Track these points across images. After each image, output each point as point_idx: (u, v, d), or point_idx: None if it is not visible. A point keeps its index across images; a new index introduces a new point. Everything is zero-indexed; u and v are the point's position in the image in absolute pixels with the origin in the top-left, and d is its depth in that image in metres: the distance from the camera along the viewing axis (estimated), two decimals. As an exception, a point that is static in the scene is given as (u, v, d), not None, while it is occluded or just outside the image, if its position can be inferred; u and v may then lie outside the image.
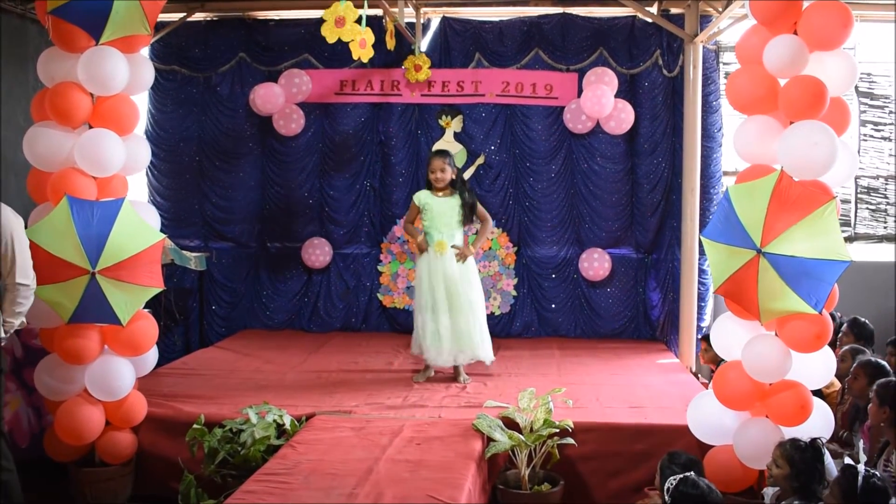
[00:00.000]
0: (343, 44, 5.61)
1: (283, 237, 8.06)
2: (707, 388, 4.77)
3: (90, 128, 4.68)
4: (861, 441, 4.43)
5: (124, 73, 4.62)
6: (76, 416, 4.67)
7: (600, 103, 7.31)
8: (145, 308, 4.84)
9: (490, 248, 7.83)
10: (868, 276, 7.37)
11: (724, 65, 7.62)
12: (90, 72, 4.52)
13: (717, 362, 5.55)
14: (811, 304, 3.91)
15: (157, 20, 5.10)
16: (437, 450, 4.41)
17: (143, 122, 7.87)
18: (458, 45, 7.74)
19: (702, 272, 7.25)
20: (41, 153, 4.60)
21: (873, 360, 4.76)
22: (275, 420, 4.69)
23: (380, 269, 7.96)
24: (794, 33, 4.15)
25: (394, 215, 7.90)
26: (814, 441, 3.66)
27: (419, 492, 3.78)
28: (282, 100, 7.67)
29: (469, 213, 5.90)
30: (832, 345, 4.61)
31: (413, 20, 7.63)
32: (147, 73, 4.88)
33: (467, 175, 7.73)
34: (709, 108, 7.37)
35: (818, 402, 4.29)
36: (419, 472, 4.05)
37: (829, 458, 3.83)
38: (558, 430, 4.60)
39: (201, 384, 5.85)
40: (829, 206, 3.88)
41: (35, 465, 4.95)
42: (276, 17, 7.96)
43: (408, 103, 7.83)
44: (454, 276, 5.78)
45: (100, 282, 4.38)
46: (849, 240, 7.80)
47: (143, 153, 4.96)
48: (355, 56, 5.70)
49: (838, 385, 5.18)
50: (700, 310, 7.33)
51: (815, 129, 4.01)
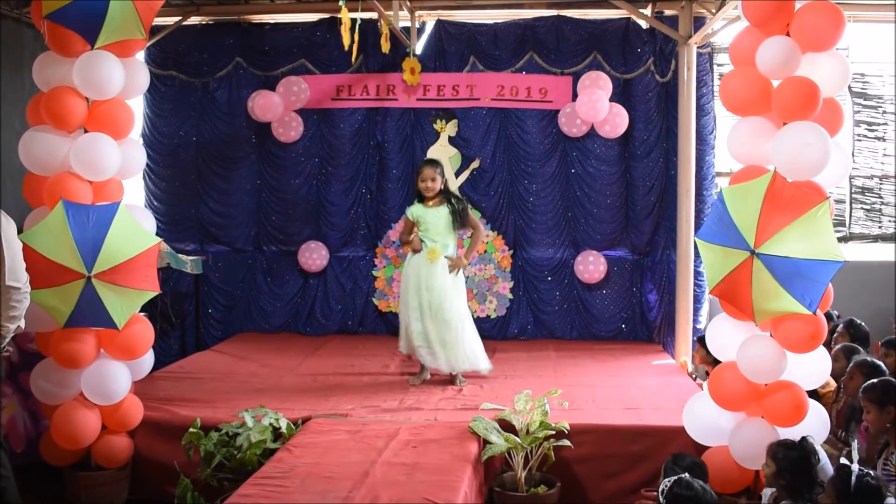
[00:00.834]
0: (340, 48, 5.58)
1: (279, 240, 8.06)
2: (703, 389, 4.75)
3: (86, 132, 4.66)
4: (856, 440, 4.42)
5: (119, 77, 4.61)
6: (72, 421, 4.65)
7: (595, 108, 7.32)
8: (141, 312, 4.83)
9: (485, 251, 7.82)
10: (863, 275, 7.38)
11: (718, 66, 7.62)
12: (85, 76, 4.51)
13: (712, 363, 5.54)
14: (805, 305, 3.90)
15: (153, 24, 5.08)
16: (433, 452, 4.39)
17: (139, 126, 7.87)
18: (452, 48, 7.75)
19: (697, 273, 7.25)
20: (37, 157, 4.58)
21: (869, 359, 4.75)
22: (271, 423, 4.67)
23: (374, 273, 7.96)
24: (787, 34, 4.15)
25: (389, 219, 7.91)
26: (802, 440, 3.64)
27: (415, 494, 3.76)
28: (280, 108, 7.68)
29: (460, 220, 5.87)
30: (827, 345, 4.59)
31: (408, 24, 7.64)
32: (142, 77, 4.86)
33: (461, 179, 7.76)
34: (701, 111, 7.39)
35: (813, 403, 4.28)
36: (415, 474, 4.03)
37: (824, 458, 3.81)
38: (554, 432, 4.58)
39: (197, 388, 5.83)
40: (822, 207, 3.87)
41: (31, 469, 4.92)
42: (272, 21, 7.96)
43: (403, 107, 7.83)
44: (443, 287, 5.76)
45: (95, 286, 4.36)
46: (843, 240, 7.81)
47: (139, 157, 4.95)
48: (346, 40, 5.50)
49: (834, 385, 5.16)
50: (696, 311, 7.34)
51: (808, 130, 4.00)
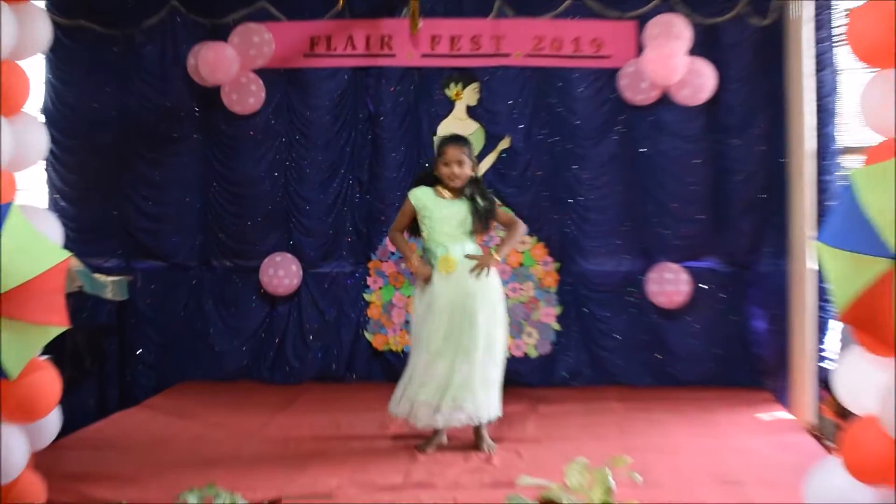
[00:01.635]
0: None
1: (234, 253, 8.10)
2: (832, 454, 4.68)
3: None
4: None
5: (10, 30, 4.59)
6: (-52, 508, 4.62)
7: (669, 65, 7.31)
8: (43, 355, 4.80)
9: (521, 265, 7.80)
10: None
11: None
12: (-40, 28, 4.50)
13: (844, 417, 5.49)
14: (975, 334, 3.83)
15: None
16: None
17: (37, 98, 7.89)
18: (473, -16, 7.81)
19: (821, 291, 7.21)
20: None
21: None
22: (226, 509, 4.63)
23: (367, 297, 7.95)
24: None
25: (387, 220, 7.84)
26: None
27: None
28: (235, 66, 7.68)
29: (483, 223, 5.87)
30: None
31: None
32: (41, 30, 4.85)
33: (486, 165, 7.78)
34: (819, 64, 7.36)
35: None
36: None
37: None
38: (622, 517, 4.54)
39: (122, 460, 5.81)
40: None
41: None
42: (218, -52, 8.03)
43: (404, 66, 7.86)
44: (471, 300, 5.75)
45: (-22, 319, 4.33)
46: None
47: (38, 140, 4.93)
48: None
49: None
50: (820, 344, 7.30)
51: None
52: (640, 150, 7.74)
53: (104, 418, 7.07)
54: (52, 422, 4.91)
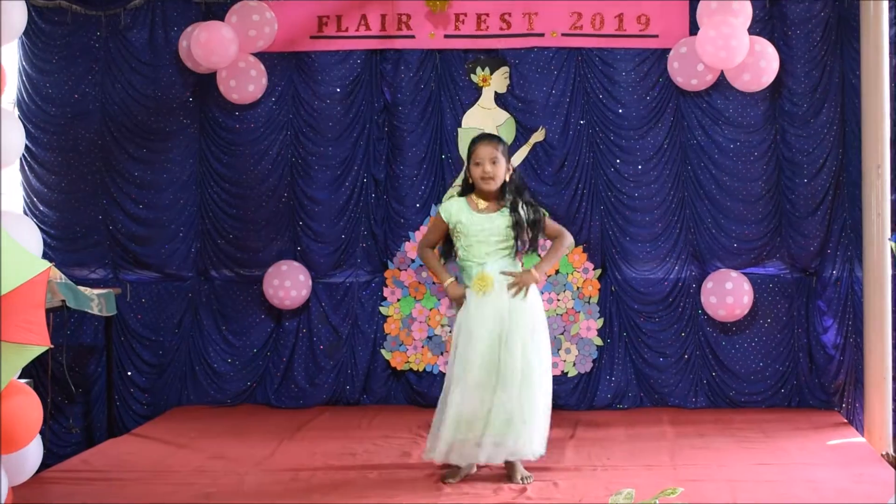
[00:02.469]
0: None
1: (235, 262, 8.11)
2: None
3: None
4: None
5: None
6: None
7: (728, 46, 7.25)
8: (22, 378, 4.78)
9: (558, 273, 7.81)
10: None
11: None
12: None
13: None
14: None
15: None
16: None
17: (11, 89, 7.88)
18: (501, -46, 7.81)
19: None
20: None
21: None
22: (229, 550, 4.62)
23: (384, 310, 7.95)
24: None
25: (406, 224, 7.93)
26: None
27: None
28: (233, 49, 7.65)
29: (529, 236, 5.87)
30: None
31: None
32: (16, 14, 4.85)
33: (518, 159, 7.78)
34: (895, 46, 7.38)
35: None
36: None
37: None
38: (677, 556, 4.51)
39: (111, 495, 5.80)
40: None
41: None
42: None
43: (424, 49, 7.87)
44: (507, 324, 5.75)
45: (-51, 338, 4.32)
46: None
47: (14, 137, 4.93)
48: None
49: None
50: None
51: None
52: (692, 142, 7.74)
53: (90, 448, 7.10)
54: (33, 452, 4.90)
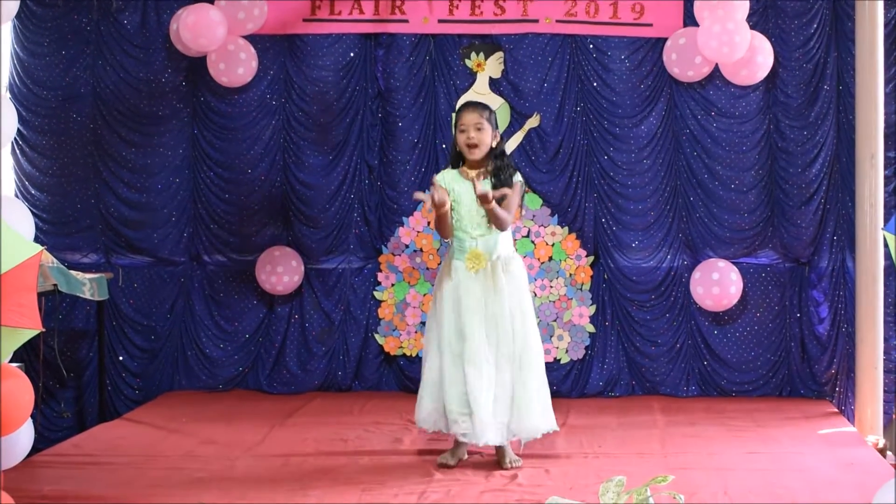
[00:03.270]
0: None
1: (227, 247, 8.09)
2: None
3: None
4: None
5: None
6: None
7: (732, 41, 7.25)
8: (13, 362, 4.78)
9: (551, 259, 7.80)
10: None
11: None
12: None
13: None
14: None
15: None
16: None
17: (3, 73, 7.83)
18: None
19: (892, 289, 7.27)
20: None
21: None
22: (219, 534, 4.63)
23: (378, 295, 7.95)
24: None
25: (399, 209, 7.92)
26: None
27: None
28: (221, 29, 7.63)
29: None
30: None
31: None
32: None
33: (513, 145, 7.78)
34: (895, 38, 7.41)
35: None
36: None
37: None
38: (666, 543, 4.53)
39: (102, 479, 5.78)
40: None
41: None
42: None
43: (418, 34, 7.85)
44: (500, 305, 5.77)
45: (-61, 322, 4.32)
46: None
47: (5, 120, 4.91)
48: None
49: None
50: (891, 349, 7.31)
51: None
52: (685, 131, 7.74)
53: (82, 432, 7.12)
54: (24, 436, 4.90)
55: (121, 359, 8.02)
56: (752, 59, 7.38)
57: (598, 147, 7.80)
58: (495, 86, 7.82)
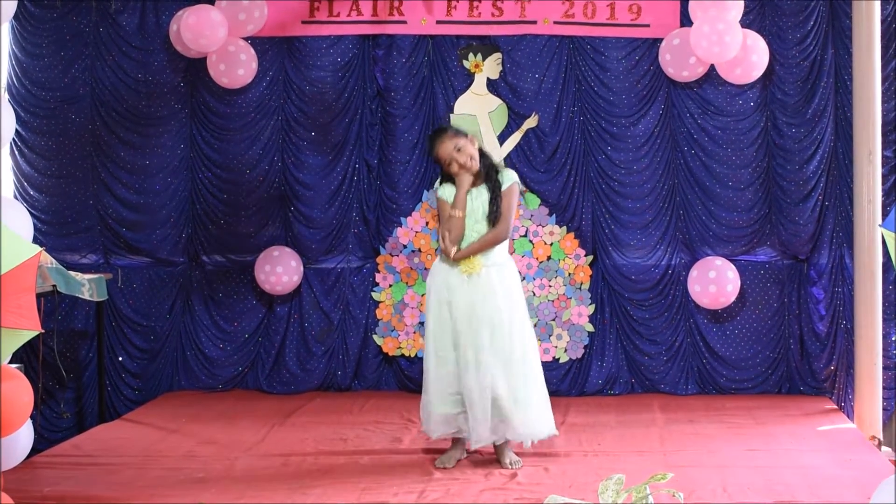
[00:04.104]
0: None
1: (226, 247, 8.10)
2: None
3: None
4: None
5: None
6: None
7: (723, 42, 7.25)
8: (12, 363, 4.77)
9: (549, 259, 7.81)
10: None
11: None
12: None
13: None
14: None
15: None
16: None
17: (2, 73, 7.85)
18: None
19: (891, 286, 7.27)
20: None
21: None
22: (219, 534, 4.62)
23: (376, 296, 7.95)
24: None
25: (398, 209, 7.93)
26: None
27: None
28: (222, 30, 7.62)
29: (496, 205, 5.82)
30: None
31: None
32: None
33: (510, 146, 7.81)
34: (892, 36, 7.40)
35: None
36: None
37: None
38: (665, 541, 4.53)
39: (102, 480, 5.79)
40: None
41: None
42: None
43: (417, 35, 7.85)
44: (493, 309, 5.77)
45: (-62, 323, 4.31)
46: None
47: (4, 121, 4.90)
48: None
49: None
50: (889, 346, 7.30)
51: None
52: (682, 129, 7.74)
53: (81, 433, 7.11)
54: (24, 437, 4.88)
55: (120, 359, 8.02)
56: (747, 58, 7.37)
57: (596, 146, 7.80)
58: (493, 86, 7.82)
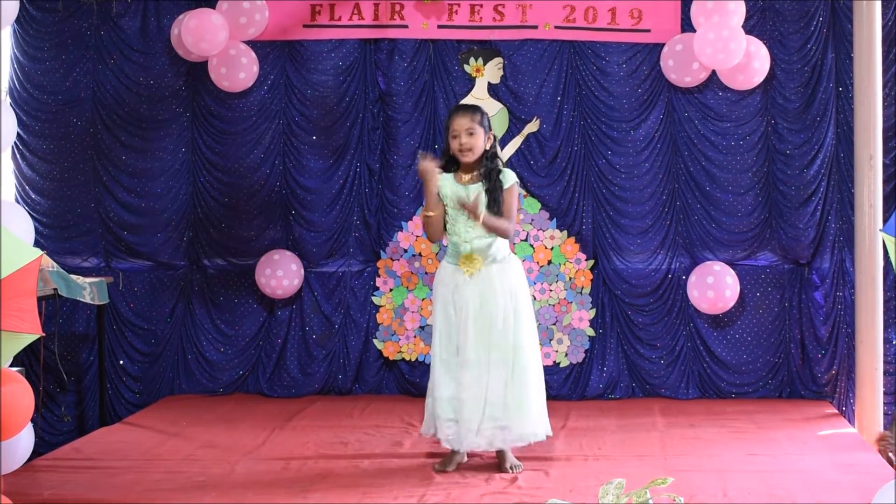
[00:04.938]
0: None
1: (227, 251, 8.09)
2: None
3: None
4: None
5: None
6: None
7: (727, 48, 7.26)
8: (13, 366, 4.75)
9: (550, 263, 7.79)
10: None
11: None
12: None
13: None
14: None
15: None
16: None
17: (3, 77, 7.85)
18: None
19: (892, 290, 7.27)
20: None
21: None
22: (220, 538, 4.61)
23: (376, 300, 7.94)
24: None
25: (399, 213, 7.92)
26: None
27: None
28: (223, 34, 7.63)
29: (496, 203, 5.76)
30: None
31: None
32: (7, 1, 4.81)
33: (511, 150, 7.80)
34: (893, 41, 7.39)
35: None
36: None
37: None
38: (666, 545, 4.52)
39: (103, 482, 5.79)
40: None
41: None
42: None
43: (418, 39, 7.86)
44: (495, 306, 5.75)
45: (-61, 327, 4.30)
46: None
47: (5, 124, 4.89)
48: None
49: None
50: (890, 350, 7.31)
51: None
52: (682, 134, 7.73)
53: (83, 436, 7.10)
54: (25, 441, 4.87)
55: (121, 363, 8.01)
56: (749, 65, 7.38)
57: (596, 151, 7.79)
58: (494, 91, 7.82)
